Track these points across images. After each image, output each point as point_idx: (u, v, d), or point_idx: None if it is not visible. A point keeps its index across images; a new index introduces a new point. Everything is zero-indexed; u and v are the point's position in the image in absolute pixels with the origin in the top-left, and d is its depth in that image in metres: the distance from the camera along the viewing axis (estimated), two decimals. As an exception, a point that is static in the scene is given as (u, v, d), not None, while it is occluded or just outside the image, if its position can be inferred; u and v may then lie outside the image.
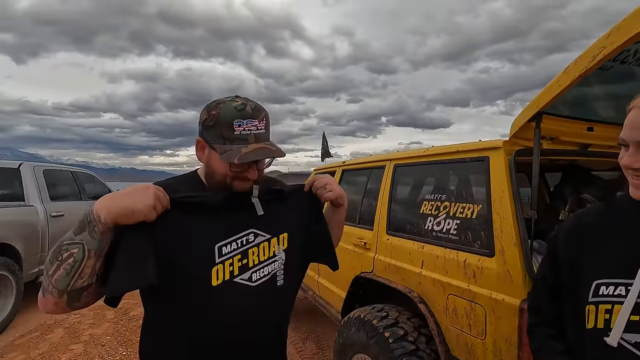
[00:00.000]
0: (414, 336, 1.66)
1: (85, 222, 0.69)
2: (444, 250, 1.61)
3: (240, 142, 0.83)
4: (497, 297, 1.30)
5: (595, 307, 0.69)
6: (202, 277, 0.78)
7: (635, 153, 0.67)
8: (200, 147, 0.90)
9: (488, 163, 1.49)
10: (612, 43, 1.00)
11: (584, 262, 0.76)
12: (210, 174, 0.89)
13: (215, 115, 0.84)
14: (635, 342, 0.64)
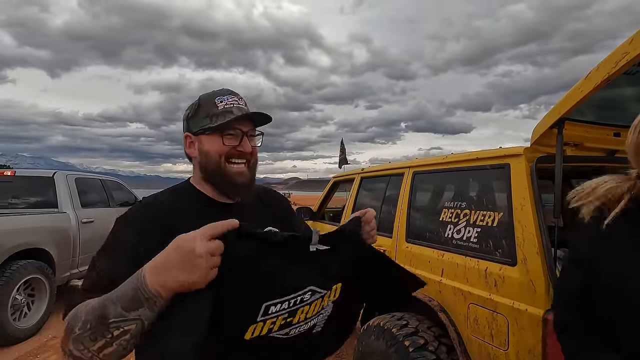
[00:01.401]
0: (435, 345, 1.64)
1: (142, 298, 0.61)
2: (464, 258, 1.59)
3: (227, 115, 0.85)
4: (520, 307, 1.28)
5: None
6: (236, 332, 0.70)
7: None
8: (189, 143, 0.91)
9: (509, 170, 1.47)
10: (635, 48, 0.98)
11: (629, 265, 0.76)
12: (205, 162, 0.88)
13: (196, 103, 0.89)
14: None
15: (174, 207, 0.86)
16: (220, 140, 0.86)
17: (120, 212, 1.10)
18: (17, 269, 3.52)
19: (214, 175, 0.88)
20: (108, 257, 0.77)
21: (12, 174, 4.68)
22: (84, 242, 4.59)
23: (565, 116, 1.27)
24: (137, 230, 0.79)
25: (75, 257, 4.47)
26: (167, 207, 0.86)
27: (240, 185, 0.88)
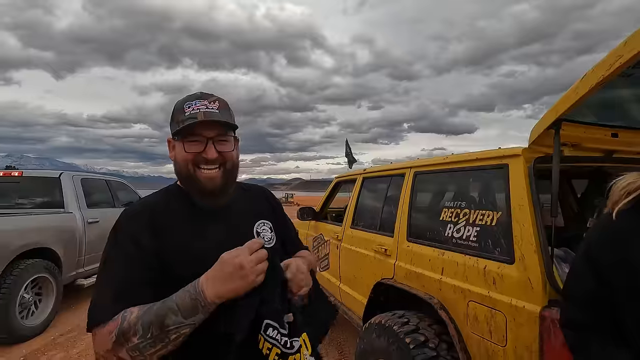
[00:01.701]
0: (435, 342, 1.67)
1: (200, 307, 0.72)
2: (464, 257, 1.62)
3: (190, 120, 0.85)
4: (518, 304, 1.30)
5: None
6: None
7: None
8: (171, 147, 0.93)
9: (507, 171, 1.50)
10: (629, 51, 1.01)
11: (633, 266, 0.78)
12: (177, 168, 0.91)
13: (173, 109, 0.91)
14: None
15: (161, 208, 0.90)
16: (184, 147, 0.87)
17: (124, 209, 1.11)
18: (24, 268, 3.59)
19: (185, 181, 0.91)
20: (111, 269, 0.83)
21: (20, 174, 4.75)
22: (90, 242, 4.65)
23: (562, 117, 1.30)
24: (124, 238, 0.84)
25: (81, 256, 4.53)
26: (153, 211, 0.89)
27: (209, 191, 0.89)
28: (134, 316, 0.73)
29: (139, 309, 0.75)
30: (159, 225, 0.87)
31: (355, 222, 2.79)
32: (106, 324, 0.75)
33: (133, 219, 0.88)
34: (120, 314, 0.75)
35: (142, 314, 0.73)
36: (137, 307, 0.75)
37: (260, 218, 1.03)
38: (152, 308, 0.74)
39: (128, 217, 0.88)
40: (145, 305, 0.75)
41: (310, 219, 3.53)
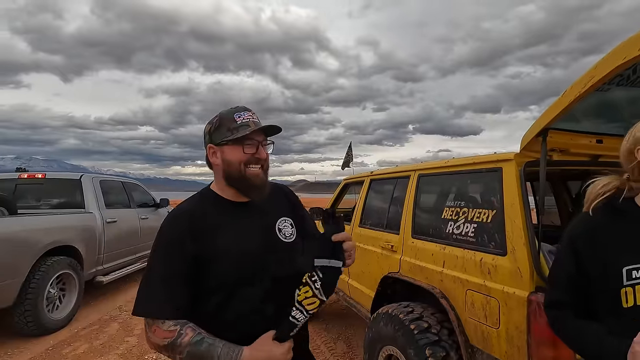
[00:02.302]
0: (437, 329, 1.85)
1: None
2: (462, 251, 1.80)
3: (244, 128, 1.02)
4: (509, 290, 1.49)
5: (632, 289, 0.87)
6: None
7: None
8: (212, 153, 1.07)
9: (501, 173, 1.68)
10: (600, 72, 1.19)
11: (609, 256, 0.93)
12: (227, 169, 1.04)
13: (217, 119, 1.05)
14: None
15: (200, 215, 1.04)
16: (240, 149, 1.02)
17: (139, 213, 1.26)
18: (51, 264, 3.82)
19: (235, 179, 1.05)
20: (158, 261, 1.00)
21: (43, 176, 5.00)
22: (108, 241, 4.88)
23: (548, 126, 1.48)
24: (167, 240, 1.01)
25: (100, 254, 4.76)
26: (192, 214, 1.04)
27: (257, 186, 1.05)
28: (187, 340, 0.92)
29: (192, 333, 0.93)
30: (199, 231, 1.00)
31: (363, 221, 2.98)
32: (163, 325, 0.94)
33: (174, 224, 1.02)
34: (177, 328, 0.93)
35: (193, 343, 0.91)
36: (191, 330, 0.94)
37: (282, 215, 1.15)
38: (201, 343, 0.92)
39: (174, 223, 1.03)
40: (197, 334, 0.93)
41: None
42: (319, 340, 3.69)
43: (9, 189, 4.89)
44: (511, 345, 1.47)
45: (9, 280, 3.36)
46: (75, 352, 3.40)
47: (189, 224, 1.01)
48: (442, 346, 1.77)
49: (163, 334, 0.93)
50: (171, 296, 0.96)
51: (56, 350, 3.45)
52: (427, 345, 1.78)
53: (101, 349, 3.49)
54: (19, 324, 3.55)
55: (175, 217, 1.04)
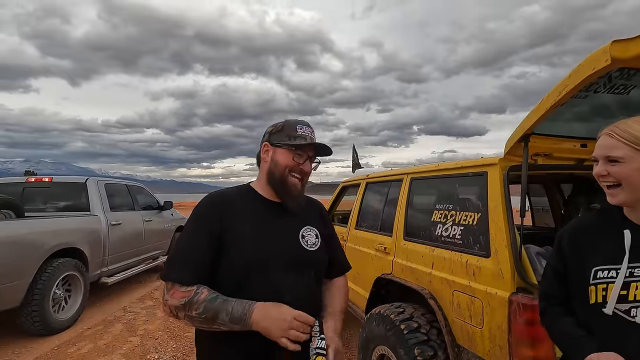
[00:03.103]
0: (426, 329, 1.90)
1: (242, 321, 0.96)
2: (450, 252, 1.85)
3: (301, 139, 1.12)
4: (492, 291, 1.53)
5: (595, 287, 0.92)
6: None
7: (602, 165, 0.92)
8: (265, 150, 1.16)
9: (486, 177, 1.73)
10: (572, 82, 1.24)
11: (584, 255, 0.99)
12: (273, 169, 1.13)
13: (282, 124, 1.16)
14: (624, 310, 0.87)
15: (232, 201, 1.13)
16: (291, 156, 1.12)
17: (143, 215, 1.29)
18: (57, 266, 3.92)
19: (276, 180, 1.13)
20: (186, 235, 1.09)
21: (50, 180, 5.13)
22: (113, 243, 4.98)
23: (529, 132, 1.53)
24: (199, 217, 1.10)
25: (105, 256, 4.87)
26: (226, 199, 1.13)
27: (293, 194, 1.13)
28: (203, 297, 0.98)
29: (207, 292, 0.99)
30: (227, 215, 1.08)
31: (359, 223, 3.03)
32: (182, 287, 1.00)
33: (209, 206, 1.11)
34: (194, 288, 1.00)
35: (209, 299, 0.98)
36: (207, 290, 1.00)
37: (308, 224, 1.19)
38: (216, 299, 0.98)
39: (206, 204, 1.12)
40: (213, 292, 1.00)
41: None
42: (318, 341, 3.74)
43: (17, 192, 5.01)
44: (494, 345, 1.51)
45: (17, 281, 3.46)
46: (79, 352, 3.49)
47: (220, 206, 1.10)
48: (431, 346, 1.82)
49: (181, 294, 0.99)
50: (193, 266, 1.03)
51: (61, 349, 3.54)
52: (416, 345, 1.83)
53: (105, 348, 3.58)
54: (26, 324, 3.65)
55: (210, 197, 1.14)
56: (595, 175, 0.96)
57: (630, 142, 0.89)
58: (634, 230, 0.92)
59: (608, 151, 0.92)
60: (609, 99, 1.53)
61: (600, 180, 0.95)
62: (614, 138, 0.92)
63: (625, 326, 0.87)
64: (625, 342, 0.86)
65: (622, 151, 0.89)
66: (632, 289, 0.87)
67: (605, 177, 0.93)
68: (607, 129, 0.95)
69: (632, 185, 0.89)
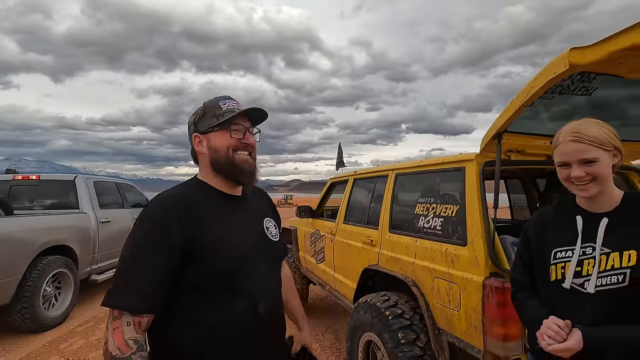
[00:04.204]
0: (410, 314, 2.02)
1: None
2: (431, 242, 1.98)
3: (229, 113, 1.01)
4: (468, 276, 1.66)
5: (555, 267, 1.06)
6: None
7: (578, 168, 1.03)
8: (197, 142, 1.04)
9: (464, 172, 1.86)
10: (537, 84, 1.37)
11: (545, 240, 1.12)
12: (214, 156, 1.02)
13: (202, 108, 1.05)
14: (579, 283, 1.00)
15: (188, 203, 0.97)
16: (227, 135, 1.01)
17: (132, 213, 1.26)
18: (47, 263, 3.93)
19: (224, 166, 1.02)
20: (130, 261, 0.90)
21: (37, 177, 5.10)
22: (102, 240, 4.99)
23: (502, 130, 1.66)
24: (153, 225, 0.92)
25: (95, 253, 4.88)
26: (180, 200, 0.97)
27: (247, 172, 1.04)
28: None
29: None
30: (188, 221, 0.93)
31: (347, 218, 3.15)
32: (126, 330, 0.85)
33: (162, 209, 0.94)
34: (134, 350, 0.85)
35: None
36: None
37: (267, 216, 1.17)
38: None
39: (158, 207, 0.95)
40: None
41: (308, 216, 3.88)
42: (308, 333, 3.86)
43: (4, 190, 4.97)
44: (469, 325, 1.65)
45: (7, 278, 3.47)
46: (71, 348, 3.53)
47: (178, 212, 0.93)
48: (413, 330, 1.95)
49: (120, 341, 0.85)
50: (151, 288, 0.88)
51: (53, 345, 3.57)
52: (399, 329, 1.95)
53: (97, 344, 3.62)
54: (17, 321, 3.66)
55: (162, 203, 0.96)
56: (567, 178, 1.06)
57: (599, 144, 1.01)
58: (584, 216, 1.06)
59: (582, 155, 1.02)
60: (574, 99, 1.67)
61: (574, 182, 1.06)
62: (584, 143, 1.03)
63: (580, 297, 1.00)
64: (580, 310, 0.99)
65: (595, 153, 1.01)
66: (585, 266, 1.01)
67: (582, 178, 1.03)
68: (569, 137, 1.05)
69: (603, 179, 1.01)
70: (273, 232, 1.15)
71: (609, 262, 0.97)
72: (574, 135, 1.04)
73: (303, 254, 4.18)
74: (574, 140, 1.03)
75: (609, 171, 1.01)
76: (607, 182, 1.02)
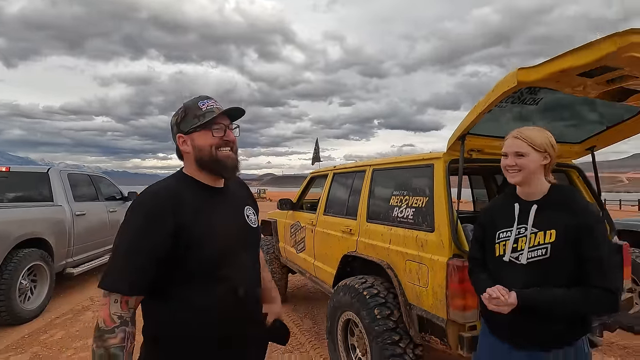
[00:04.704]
0: (384, 294, 2.29)
1: None
2: (404, 230, 2.25)
3: (209, 113, 1.09)
4: (434, 258, 1.94)
5: (498, 244, 1.34)
6: None
7: (512, 158, 1.31)
8: (182, 142, 1.12)
9: (433, 168, 2.14)
10: (492, 97, 1.64)
11: (493, 224, 1.40)
12: (199, 155, 1.09)
13: (182, 109, 1.11)
14: (515, 257, 1.28)
15: (178, 194, 1.06)
16: (210, 134, 1.09)
17: (108, 206, 1.30)
18: (23, 256, 3.89)
19: (208, 163, 1.10)
20: (123, 247, 0.99)
21: (7, 169, 4.94)
22: (78, 233, 4.94)
23: (466, 132, 1.94)
24: (147, 214, 1.01)
25: (70, 246, 4.82)
26: (172, 192, 1.06)
27: (230, 167, 1.13)
28: (110, 342, 0.94)
29: (119, 341, 0.94)
30: (179, 210, 1.02)
31: (327, 209, 3.38)
32: (112, 307, 0.95)
33: (156, 201, 1.03)
34: (118, 324, 0.95)
35: (112, 352, 0.93)
36: (121, 338, 0.94)
37: (248, 205, 1.27)
38: (115, 357, 0.93)
39: (151, 198, 1.04)
40: (120, 346, 0.94)
41: (289, 208, 4.08)
42: (287, 319, 4.08)
43: (-29, 182, 4.79)
44: (435, 299, 1.93)
45: (-17, 271, 3.43)
46: (52, 339, 3.55)
47: (171, 202, 1.02)
48: (388, 306, 2.22)
49: (106, 316, 0.95)
50: (137, 271, 0.97)
51: (33, 337, 3.57)
52: (376, 307, 2.21)
53: (78, 334, 3.65)
54: (-7, 314, 3.62)
55: (155, 193, 1.05)
56: (504, 166, 1.36)
57: (531, 144, 1.30)
58: (521, 203, 1.34)
59: (517, 148, 1.32)
60: (524, 107, 1.98)
61: (507, 169, 1.35)
62: (520, 140, 1.32)
63: (515, 267, 1.29)
64: (516, 278, 1.28)
65: (526, 149, 1.30)
66: (519, 242, 1.29)
67: (513, 167, 1.33)
68: (513, 134, 1.36)
69: (528, 171, 1.30)
70: (252, 219, 1.25)
71: (536, 239, 1.26)
72: (515, 134, 1.35)
73: (283, 244, 4.37)
74: (514, 137, 1.35)
75: (535, 167, 1.30)
76: (533, 175, 1.31)
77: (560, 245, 1.22)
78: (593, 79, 1.58)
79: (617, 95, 1.84)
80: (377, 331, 2.14)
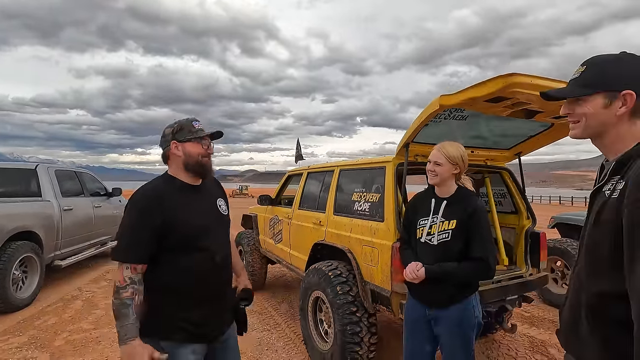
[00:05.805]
0: (346, 274, 2.74)
1: (120, 341, 1.26)
2: (362, 221, 2.70)
3: (202, 132, 1.47)
4: (382, 242, 2.41)
5: (419, 229, 1.81)
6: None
7: (432, 166, 1.77)
8: (174, 147, 1.45)
9: (385, 170, 2.60)
10: (425, 114, 2.11)
11: (416, 213, 1.87)
12: (188, 159, 1.44)
13: (178, 124, 1.46)
14: (429, 239, 1.75)
15: (167, 192, 1.42)
16: (200, 146, 1.46)
17: (93, 201, 1.54)
18: (15, 248, 4.14)
19: (195, 166, 1.46)
20: (127, 231, 1.36)
21: (-5, 166, 5.11)
22: (65, 227, 5.17)
23: (409, 141, 2.40)
24: (140, 210, 1.37)
25: (58, 240, 5.05)
26: (159, 192, 1.41)
27: (210, 170, 1.52)
28: (124, 295, 1.29)
29: (129, 294, 1.29)
30: (167, 205, 1.38)
31: (302, 204, 3.81)
32: (126, 270, 1.31)
33: (148, 199, 1.38)
34: (129, 282, 1.30)
35: (122, 302, 1.28)
36: (130, 293, 1.29)
37: (219, 197, 1.63)
38: (124, 307, 1.28)
39: (146, 198, 1.39)
40: (129, 299, 1.29)
41: (268, 204, 4.49)
42: (267, 304, 4.50)
43: (-42, 178, 4.94)
44: (383, 275, 2.40)
45: (-20, 261, 3.67)
46: (46, 324, 3.83)
47: (158, 200, 1.38)
48: (348, 284, 2.67)
49: (121, 277, 1.31)
50: (139, 248, 1.33)
51: (28, 322, 3.84)
52: (338, 284, 2.66)
53: (71, 320, 3.95)
54: (-12, 302, 3.87)
55: (146, 195, 1.40)
56: (427, 169, 1.83)
57: (446, 156, 1.77)
58: (435, 199, 1.81)
59: (436, 159, 1.79)
60: (454, 122, 2.46)
61: (429, 172, 1.82)
62: (439, 152, 1.79)
63: (429, 247, 1.76)
64: (429, 255, 1.75)
65: (442, 160, 1.77)
66: (432, 228, 1.76)
67: (432, 172, 1.79)
68: (437, 146, 1.82)
69: (442, 177, 1.77)
70: (224, 208, 1.62)
71: (443, 226, 1.74)
72: (438, 147, 1.83)
73: (262, 236, 4.78)
74: (437, 149, 1.83)
75: (448, 174, 1.77)
76: (446, 179, 1.78)
77: (457, 231, 1.70)
78: (498, 103, 2.07)
79: (526, 115, 2.35)
80: (339, 304, 2.59)
